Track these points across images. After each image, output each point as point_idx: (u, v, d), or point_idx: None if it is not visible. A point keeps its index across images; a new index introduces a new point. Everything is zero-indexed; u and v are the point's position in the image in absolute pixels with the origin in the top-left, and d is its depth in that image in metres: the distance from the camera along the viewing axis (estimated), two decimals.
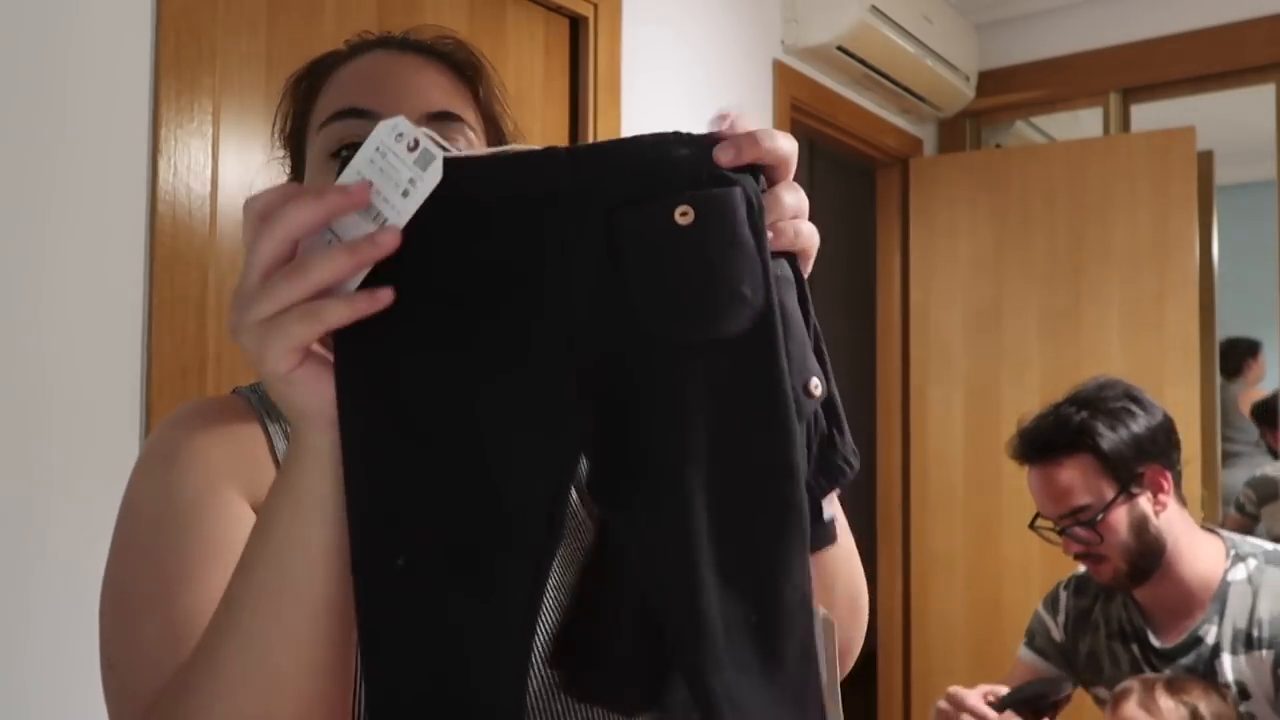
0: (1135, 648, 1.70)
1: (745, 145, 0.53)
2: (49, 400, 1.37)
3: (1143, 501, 1.61)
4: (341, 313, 0.52)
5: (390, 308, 0.53)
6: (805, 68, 3.01)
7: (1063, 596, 1.83)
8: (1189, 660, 1.62)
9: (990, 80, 3.54)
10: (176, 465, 0.73)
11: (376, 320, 0.52)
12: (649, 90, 2.43)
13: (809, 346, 0.56)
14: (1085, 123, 3.80)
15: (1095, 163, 3.27)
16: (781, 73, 2.90)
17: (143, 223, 1.47)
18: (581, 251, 0.52)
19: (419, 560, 0.53)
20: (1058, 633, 1.81)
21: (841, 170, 3.99)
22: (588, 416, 0.52)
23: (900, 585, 3.50)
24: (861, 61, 3.02)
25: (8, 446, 1.33)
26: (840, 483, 0.58)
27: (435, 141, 0.52)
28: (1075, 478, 1.61)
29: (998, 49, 3.55)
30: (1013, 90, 3.54)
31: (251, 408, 0.81)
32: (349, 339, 0.54)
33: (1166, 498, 1.63)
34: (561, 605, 0.72)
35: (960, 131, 3.68)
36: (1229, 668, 1.59)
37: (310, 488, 0.56)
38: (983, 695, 1.58)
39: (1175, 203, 3.14)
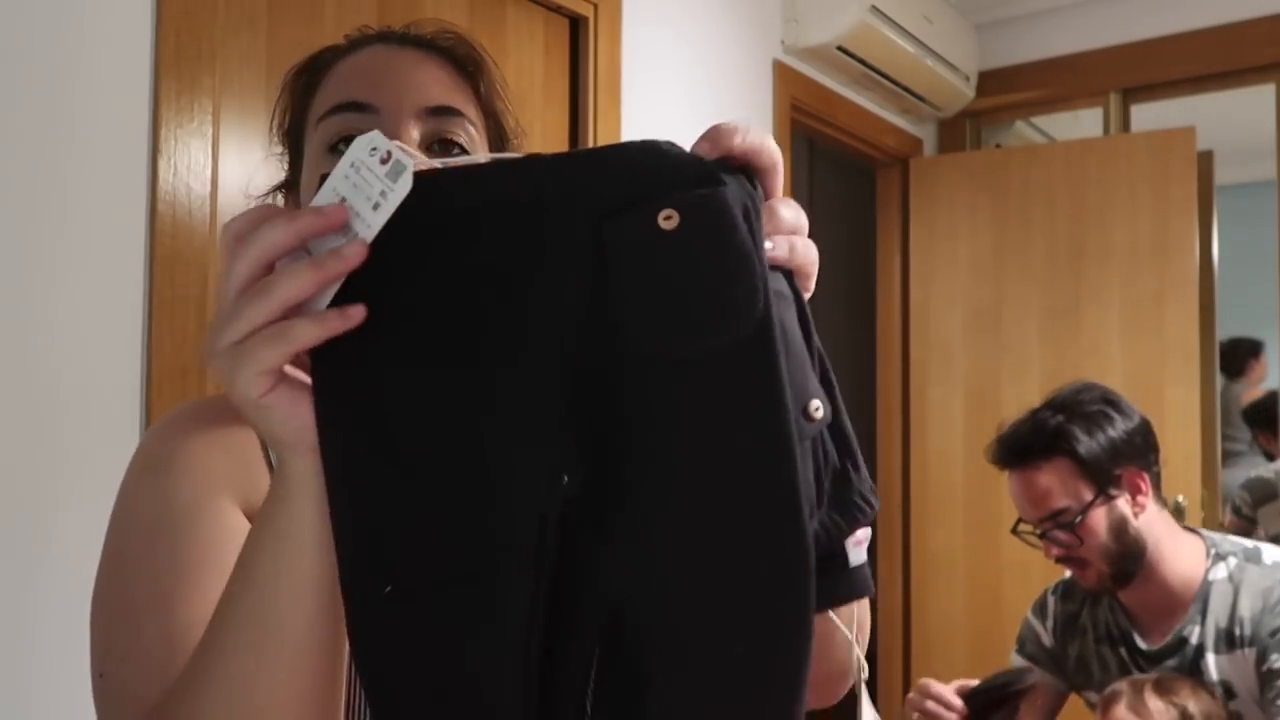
0: (1123, 651, 1.70)
1: (721, 136, 0.52)
2: (49, 400, 1.37)
3: (1121, 503, 1.62)
4: (311, 332, 0.50)
5: (368, 324, 0.51)
6: (805, 68, 3.01)
7: (1051, 602, 1.83)
8: (1175, 661, 1.63)
9: (990, 80, 3.54)
10: (170, 473, 0.72)
11: (353, 338, 0.51)
12: (649, 90, 2.43)
13: (810, 367, 0.52)
14: (1085, 123, 3.80)
15: (1095, 163, 3.27)
16: (781, 73, 2.90)
17: (143, 223, 1.47)
18: (566, 262, 0.50)
19: (408, 585, 0.51)
20: (1047, 638, 1.81)
21: (841, 170, 3.99)
22: (574, 433, 0.50)
23: (900, 585, 3.50)
24: (861, 61, 3.02)
25: (8, 446, 1.33)
26: (860, 523, 0.54)
27: (407, 153, 0.51)
28: (1053, 481, 1.63)
29: (998, 49, 3.55)
30: (1013, 90, 3.54)
31: None
32: (325, 358, 0.52)
33: (1145, 499, 1.64)
34: None
35: (960, 131, 3.68)
36: (1213, 667, 1.59)
37: (295, 516, 0.55)
38: (955, 689, 1.58)
39: (1175, 203, 3.14)
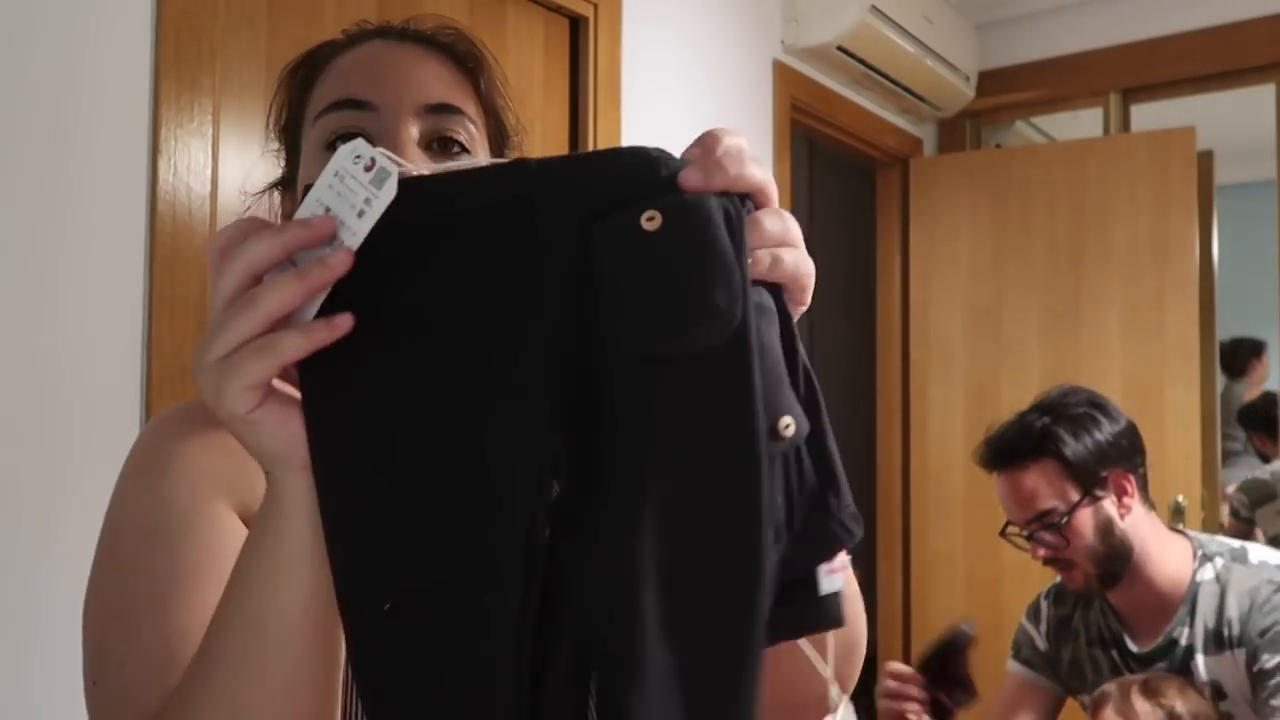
0: (1115, 653, 1.70)
1: (713, 171, 0.50)
2: (50, 400, 1.37)
3: (1107, 505, 1.63)
4: (296, 344, 0.49)
5: (356, 333, 0.50)
6: (805, 68, 3.01)
7: (1043, 606, 1.83)
8: (1166, 663, 1.63)
9: (990, 80, 3.54)
10: (165, 476, 0.71)
11: (341, 348, 0.50)
12: (649, 90, 2.43)
13: (785, 384, 0.51)
14: (1085, 123, 3.80)
15: (1095, 163, 3.27)
16: (781, 73, 2.90)
17: (143, 223, 1.47)
18: (551, 265, 0.50)
19: (405, 597, 0.51)
20: (1041, 642, 1.81)
21: (841, 170, 3.99)
22: (562, 434, 0.50)
23: (900, 585, 3.50)
24: (861, 61, 3.02)
25: (9, 446, 1.33)
26: (836, 550, 0.52)
27: (391, 159, 0.50)
28: (1040, 482, 1.64)
29: (998, 49, 3.55)
30: (1013, 90, 3.54)
31: None
32: (313, 371, 0.51)
33: (1131, 501, 1.64)
34: None
35: (960, 131, 3.67)
36: (1203, 668, 1.59)
37: (286, 532, 0.54)
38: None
39: (1175, 203, 3.14)
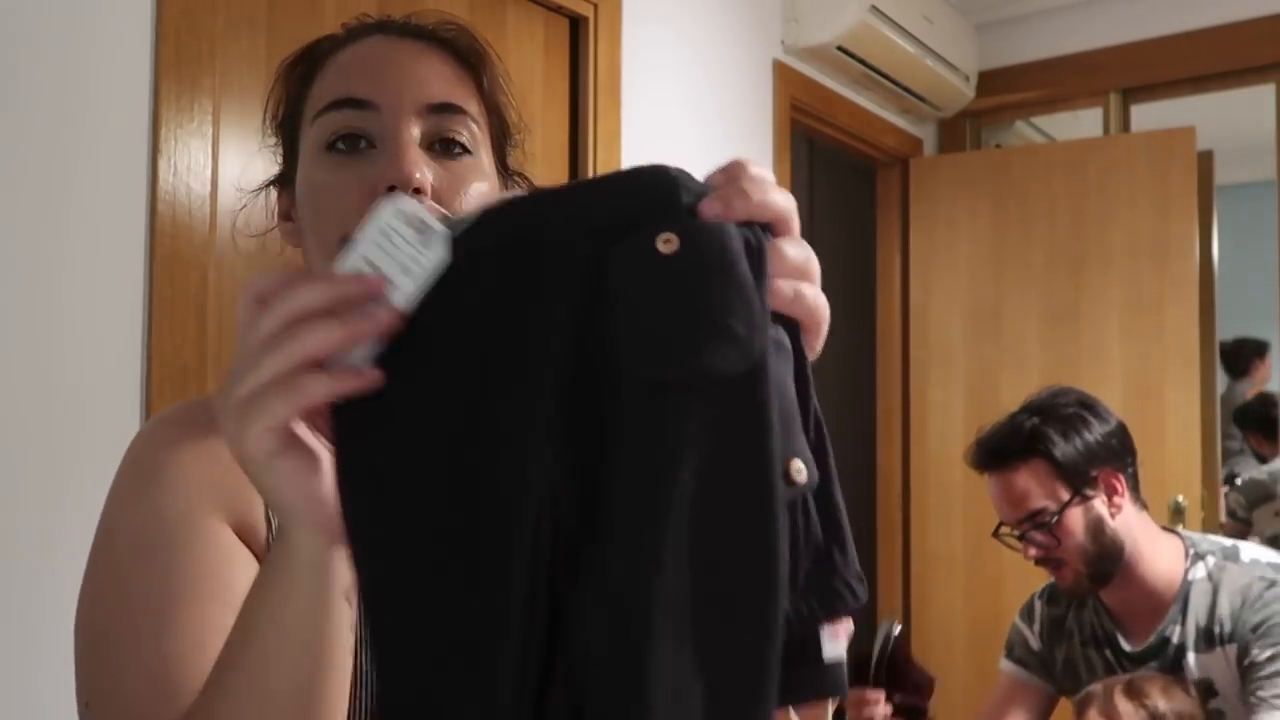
0: (1108, 653, 1.70)
1: (735, 199, 0.48)
2: (49, 400, 1.37)
3: (1097, 504, 1.63)
4: (322, 388, 0.48)
5: (386, 383, 0.49)
6: (805, 68, 3.01)
7: (1037, 605, 1.83)
8: (1158, 662, 1.63)
9: (990, 80, 3.54)
10: (156, 486, 0.69)
11: (369, 400, 0.49)
12: (649, 90, 2.43)
13: (797, 424, 0.49)
14: (1085, 123, 3.80)
15: (1095, 163, 3.27)
16: (781, 73, 2.90)
17: (143, 223, 1.47)
18: (567, 283, 0.48)
19: (427, 655, 0.48)
20: (1035, 642, 1.81)
21: (841, 170, 3.99)
22: (565, 462, 0.47)
23: (900, 585, 3.50)
24: (861, 61, 3.02)
25: (8, 446, 1.33)
26: (840, 612, 0.50)
27: (439, 220, 0.49)
28: (1030, 483, 1.64)
29: (998, 49, 3.54)
30: (1013, 90, 3.54)
31: None
32: (344, 420, 0.50)
33: (1121, 500, 1.65)
34: None
35: (960, 131, 3.67)
36: (1194, 665, 1.59)
37: (294, 587, 0.52)
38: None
39: (1175, 203, 3.14)
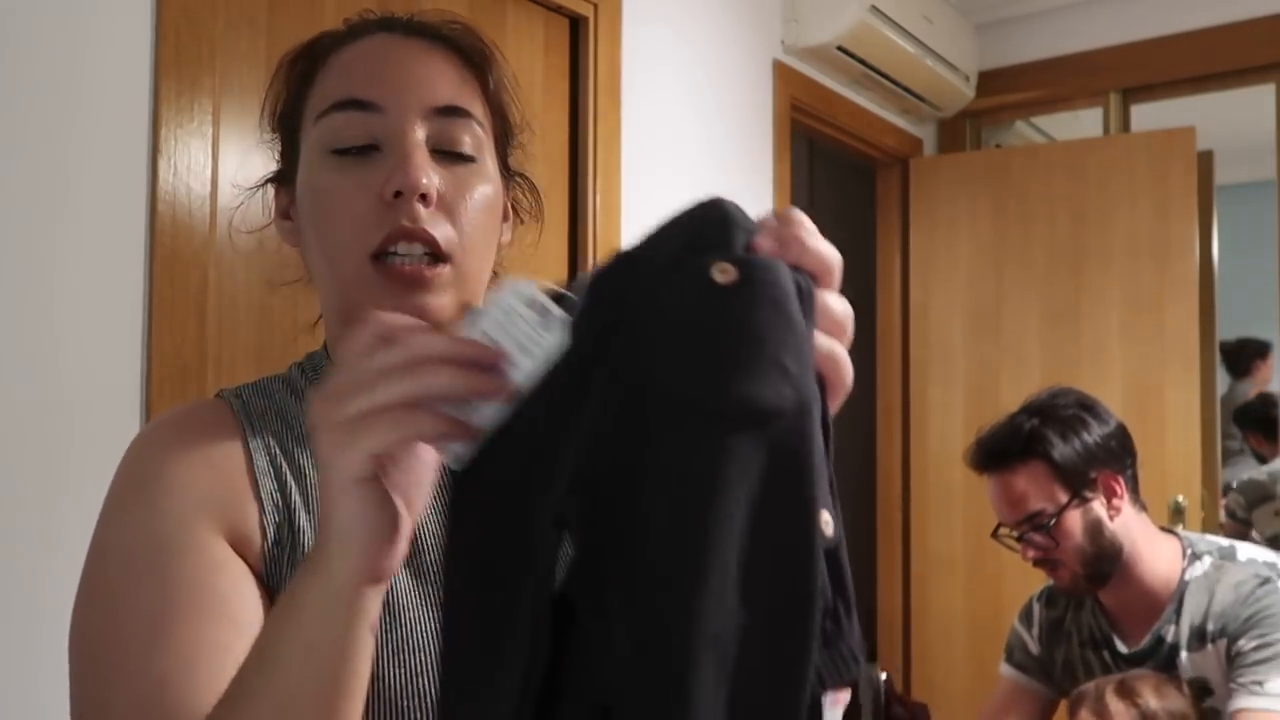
0: (1106, 654, 1.70)
1: (789, 240, 0.49)
2: (49, 400, 1.37)
3: (1096, 506, 1.63)
4: (429, 426, 0.49)
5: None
6: (805, 68, 3.01)
7: (1036, 608, 1.83)
8: (1154, 663, 1.62)
9: (990, 80, 3.54)
10: (149, 496, 0.68)
11: (469, 469, 0.50)
12: (649, 90, 2.43)
13: (825, 479, 0.48)
14: (1085, 123, 3.80)
15: (1095, 163, 3.27)
16: (781, 73, 2.90)
17: (143, 223, 1.47)
18: (623, 327, 0.47)
19: (473, 694, 0.49)
20: (1034, 645, 1.81)
21: (841, 170, 3.99)
22: (582, 494, 0.46)
23: (900, 585, 3.50)
24: (861, 61, 3.02)
25: (8, 447, 1.33)
26: (843, 679, 0.49)
27: (553, 292, 0.50)
28: (1029, 485, 1.64)
29: (998, 49, 3.55)
30: (1013, 90, 3.54)
31: (234, 417, 0.74)
32: (456, 482, 0.51)
33: (1120, 502, 1.64)
34: None
35: (960, 131, 3.67)
36: (1187, 665, 1.59)
37: (319, 627, 0.53)
38: None
39: (1175, 203, 3.14)
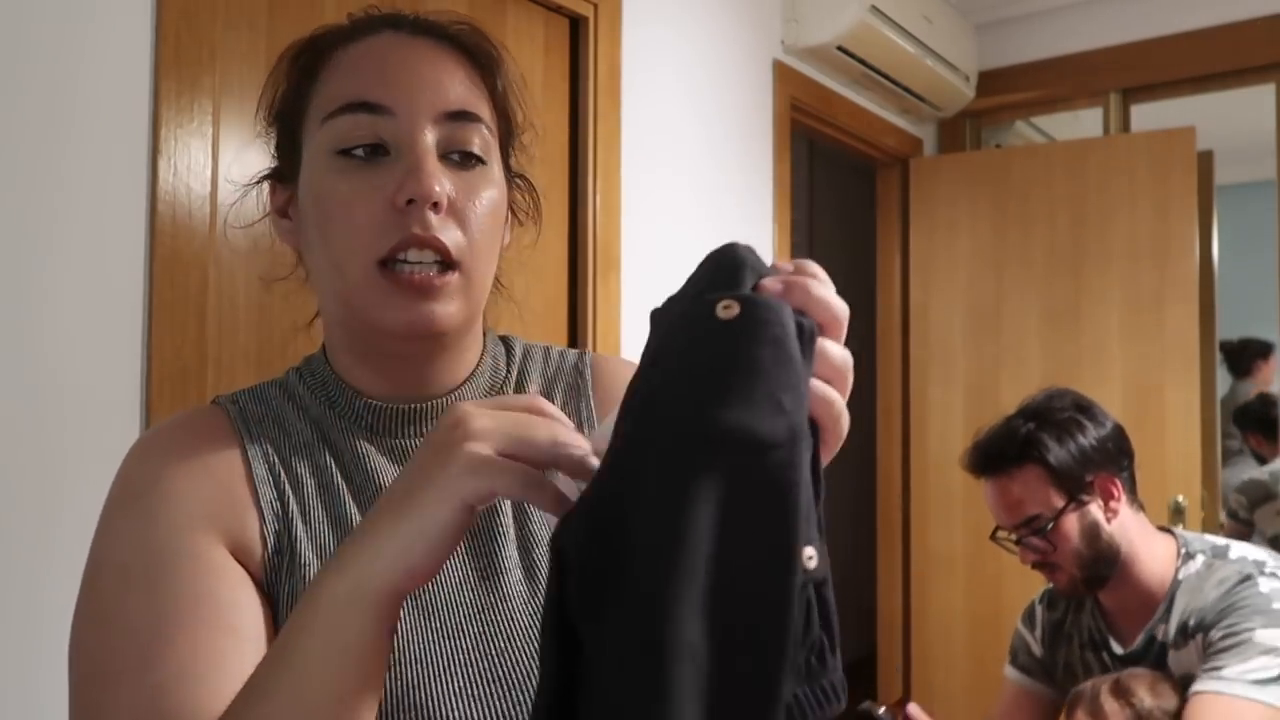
0: (1104, 655, 1.70)
1: (794, 285, 0.50)
2: (49, 401, 1.37)
3: (1093, 509, 1.63)
4: (548, 500, 0.54)
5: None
6: (805, 68, 3.01)
7: (1038, 610, 1.82)
8: (1148, 663, 1.62)
9: (990, 80, 3.54)
10: (148, 506, 0.67)
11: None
12: (649, 90, 2.43)
13: (813, 517, 0.49)
14: (1085, 123, 3.80)
15: (1095, 163, 3.27)
16: (781, 73, 2.90)
17: (143, 223, 1.47)
18: (657, 358, 0.50)
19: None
20: (1037, 647, 1.80)
21: (841, 170, 3.99)
22: (585, 518, 0.48)
23: (900, 585, 3.50)
24: (861, 61, 3.02)
25: (8, 447, 1.33)
26: (824, 713, 0.48)
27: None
28: (1025, 489, 1.63)
29: (998, 49, 3.55)
30: (1013, 90, 3.55)
31: (232, 425, 0.74)
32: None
33: (1117, 504, 1.64)
34: None
35: (960, 131, 3.68)
36: (1172, 663, 1.59)
37: (346, 626, 0.54)
38: None
39: (1175, 203, 3.14)
